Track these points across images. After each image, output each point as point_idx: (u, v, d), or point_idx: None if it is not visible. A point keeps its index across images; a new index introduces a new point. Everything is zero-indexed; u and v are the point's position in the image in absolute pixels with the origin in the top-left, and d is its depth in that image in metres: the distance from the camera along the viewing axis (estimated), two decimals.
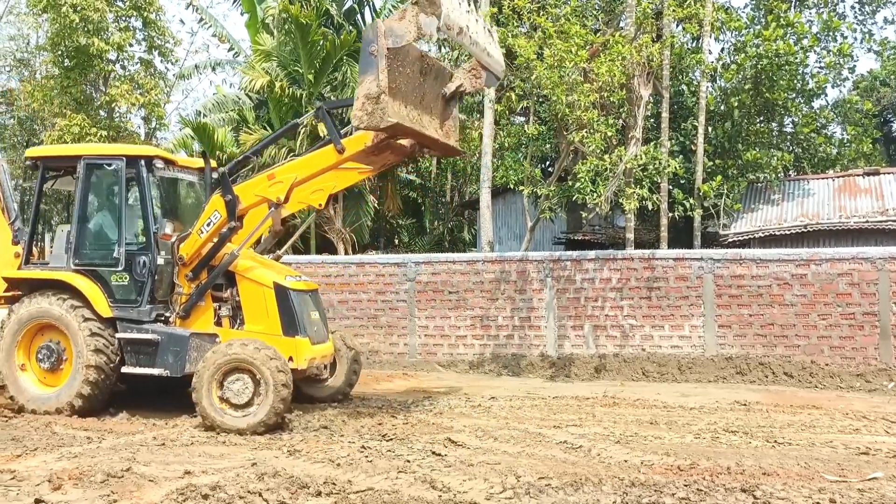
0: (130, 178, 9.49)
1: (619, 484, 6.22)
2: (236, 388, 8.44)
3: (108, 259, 9.49)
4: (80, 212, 9.63)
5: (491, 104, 17.01)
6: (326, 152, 8.84)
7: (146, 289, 9.31)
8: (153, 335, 9.20)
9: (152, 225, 9.34)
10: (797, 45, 18.47)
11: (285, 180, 8.92)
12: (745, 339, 13.02)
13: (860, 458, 7.22)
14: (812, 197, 19.40)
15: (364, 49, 7.87)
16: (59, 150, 10.48)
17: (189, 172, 10.25)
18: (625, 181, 13.98)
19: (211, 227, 9.15)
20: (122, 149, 10.05)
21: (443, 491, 6.08)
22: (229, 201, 9.00)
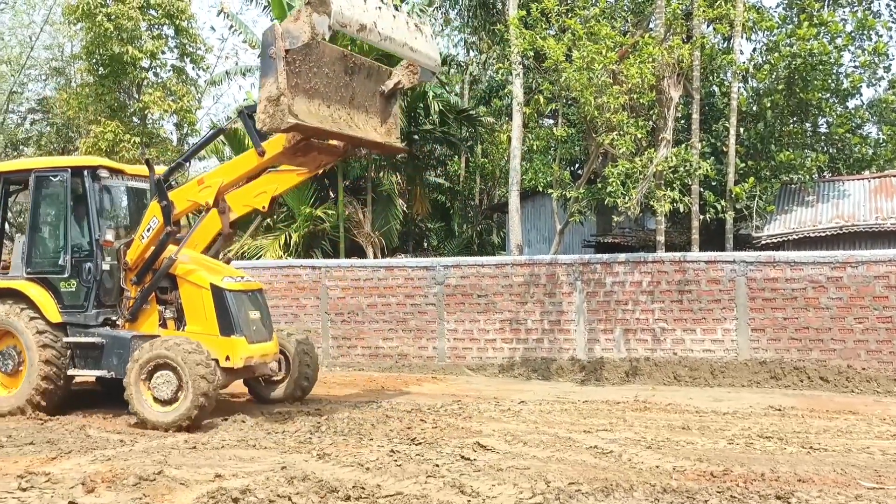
0: (76, 188, 9.90)
1: (650, 490, 6.15)
2: (161, 384, 8.83)
3: (56, 267, 9.93)
4: (31, 222, 10.19)
5: (519, 107, 16.97)
6: (248, 156, 9.23)
7: (92, 294, 9.73)
8: (98, 338, 9.62)
9: (95, 232, 9.71)
10: (831, 44, 18.15)
11: (213, 185, 9.36)
12: (779, 343, 12.81)
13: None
14: (847, 198, 19.05)
15: (263, 51, 8.08)
16: (16, 165, 10.96)
17: (139, 180, 10.55)
18: (655, 184, 13.84)
19: (150, 232, 9.57)
20: (68, 161, 10.59)
21: (472, 496, 6.05)
22: (164, 206, 9.42)
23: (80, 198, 9.90)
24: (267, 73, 7.99)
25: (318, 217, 20.80)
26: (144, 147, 22.91)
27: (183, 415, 8.69)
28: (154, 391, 8.89)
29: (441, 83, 25.31)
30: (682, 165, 13.97)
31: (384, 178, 22.80)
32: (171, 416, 8.73)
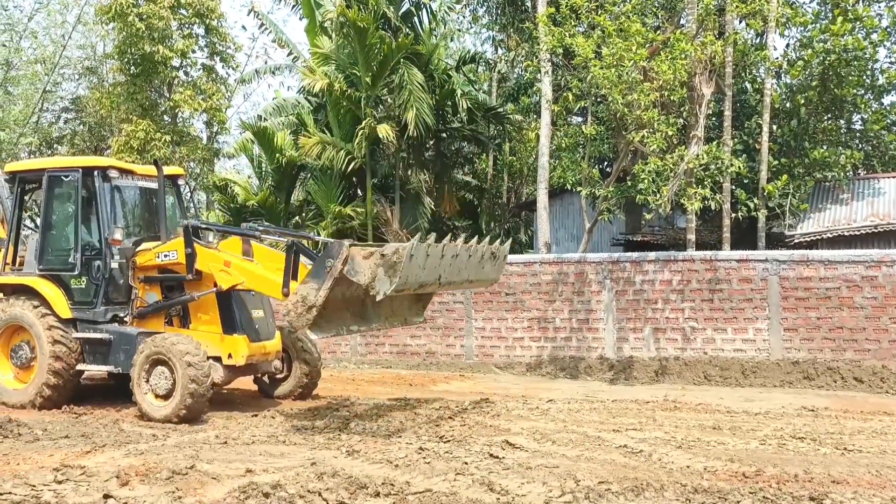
0: (87, 187, 10.12)
1: (681, 490, 6.09)
2: (158, 380, 9.14)
3: (67, 264, 10.18)
4: (44, 221, 10.48)
5: (548, 105, 16.89)
6: (274, 286, 9.10)
7: (101, 291, 9.98)
8: (106, 335, 9.90)
9: (105, 231, 9.93)
10: (866, 39, 17.82)
11: (233, 277, 9.49)
12: (812, 343, 12.63)
13: None
14: (883, 196, 18.71)
15: (324, 257, 8.14)
16: (30, 165, 11.26)
17: (149, 180, 10.71)
18: (686, 181, 13.71)
19: (167, 260, 9.88)
20: (79, 161, 10.80)
21: (501, 494, 6.04)
22: (188, 255, 9.64)
23: (90, 197, 10.15)
24: (315, 277, 8.02)
25: (347, 215, 20.90)
26: (175, 146, 23.17)
27: (174, 410, 8.98)
28: (153, 386, 9.21)
29: (469, 81, 25.29)
30: (713, 163, 13.83)
31: (412, 176, 22.84)
32: (164, 410, 9.06)
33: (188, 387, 8.93)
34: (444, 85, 22.34)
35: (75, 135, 29.71)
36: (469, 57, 24.69)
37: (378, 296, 7.70)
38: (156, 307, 10.06)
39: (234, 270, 9.51)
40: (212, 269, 9.63)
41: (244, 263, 9.59)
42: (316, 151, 20.62)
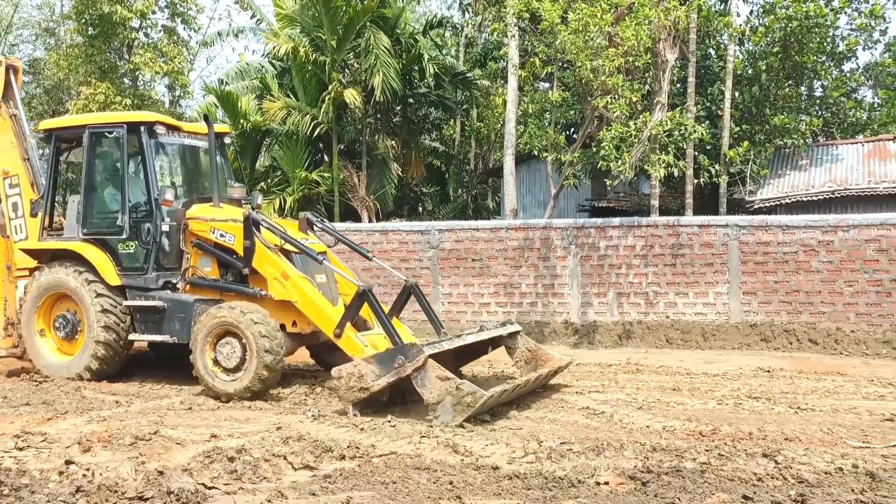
0: (132, 144, 9.50)
1: (640, 449, 6.25)
2: (226, 352, 8.46)
3: (114, 227, 9.54)
4: (86, 181, 9.73)
5: (514, 70, 16.84)
6: (327, 321, 8.48)
7: (152, 256, 9.33)
8: (159, 302, 9.24)
9: (154, 191, 9.29)
10: (827, 6, 18.02)
11: (286, 292, 8.74)
12: (770, 307, 12.92)
13: (885, 425, 7.18)
14: (841, 162, 19.07)
15: (396, 352, 7.58)
16: (69, 121, 10.48)
17: (196, 138, 10.14)
18: (650, 147, 13.82)
19: (222, 240, 9.21)
20: (123, 116, 10.17)
21: (465, 455, 6.14)
22: (247, 248, 9.00)
23: (136, 155, 9.49)
24: (381, 363, 7.52)
25: (313, 181, 20.75)
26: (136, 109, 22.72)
27: (246, 386, 8.29)
28: (219, 359, 8.50)
29: (436, 45, 25.08)
30: (676, 129, 13.94)
31: (379, 141, 22.70)
32: (235, 385, 8.34)
33: (262, 361, 8.21)
34: (411, 49, 22.15)
35: (32, 98, 28.96)
36: (436, 21, 24.47)
37: (434, 422, 7.16)
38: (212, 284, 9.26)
39: (291, 287, 8.74)
40: (266, 274, 8.92)
41: (304, 284, 8.73)
42: (281, 116, 20.38)
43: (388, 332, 8.17)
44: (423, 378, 7.35)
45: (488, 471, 5.63)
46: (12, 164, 10.46)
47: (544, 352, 9.37)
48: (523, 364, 9.19)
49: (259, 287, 8.97)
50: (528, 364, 9.17)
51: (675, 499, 4.89)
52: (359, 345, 8.28)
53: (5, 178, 10.44)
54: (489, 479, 5.45)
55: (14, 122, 10.56)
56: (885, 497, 4.86)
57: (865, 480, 5.25)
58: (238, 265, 9.12)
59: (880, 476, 5.30)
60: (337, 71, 20.18)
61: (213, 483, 5.27)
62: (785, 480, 5.29)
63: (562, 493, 5.13)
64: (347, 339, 8.35)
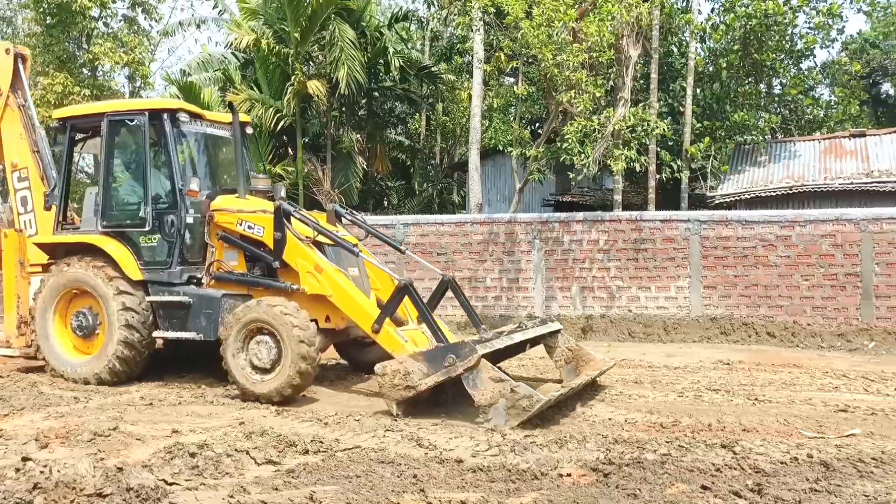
0: (154, 133, 9.03)
1: (602, 441, 6.32)
2: (259, 351, 7.96)
3: (136, 220, 9.04)
4: (105, 172, 9.20)
5: (480, 64, 16.88)
6: (365, 317, 8.10)
7: (176, 249, 8.85)
8: (185, 297, 8.74)
9: (178, 182, 8.81)
10: (786, 5, 18.32)
11: (320, 287, 8.30)
12: (729, 300, 13.15)
13: (839, 415, 7.35)
14: (798, 159, 19.45)
15: (446, 350, 7.23)
16: (86, 109, 9.96)
17: (218, 127, 9.72)
18: (613, 143, 13.96)
19: (250, 232, 8.71)
20: (145, 103, 9.65)
21: (429, 448, 6.16)
22: (277, 240, 8.53)
23: (159, 144, 9.03)
24: (429, 361, 7.18)
25: (277, 174, 20.59)
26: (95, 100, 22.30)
27: (282, 385, 7.82)
28: (252, 357, 8.01)
29: (402, 39, 25.01)
30: (639, 125, 14.10)
31: (344, 135, 22.59)
32: (270, 385, 7.87)
33: (298, 360, 7.75)
34: (376, 43, 22.08)
35: None
36: (401, 14, 24.42)
37: (485, 424, 6.85)
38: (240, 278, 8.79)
39: (325, 280, 8.30)
40: (298, 267, 8.45)
41: (339, 277, 8.32)
42: (244, 108, 20.16)
43: (432, 328, 7.87)
44: (475, 378, 6.99)
45: (452, 464, 5.65)
46: (21, 156, 10.01)
47: (586, 352, 8.95)
48: (563, 364, 8.84)
49: (290, 281, 8.52)
50: (569, 364, 8.80)
51: (636, 490, 4.96)
52: (399, 341, 7.92)
53: (14, 171, 9.97)
54: (453, 472, 5.47)
55: (23, 113, 10.10)
56: (839, 486, 4.98)
57: (819, 470, 5.38)
58: (268, 258, 8.68)
59: (834, 465, 5.43)
60: (301, 63, 20.03)
61: (173, 479, 5.21)
62: (742, 470, 5.39)
63: (525, 485, 5.17)
64: (387, 334, 7.98)
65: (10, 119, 10.12)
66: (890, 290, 12.39)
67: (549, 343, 8.94)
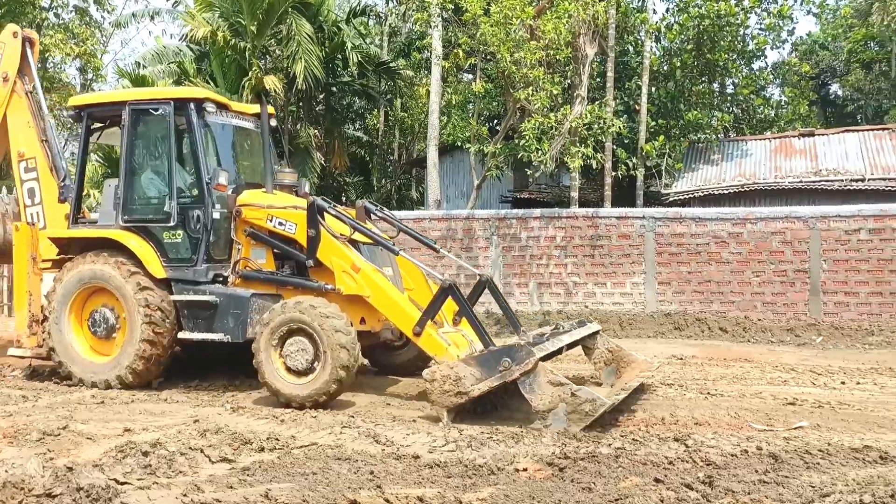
0: (180, 123, 8.55)
1: (558, 436, 6.39)
2: (295, 352, 7.57)
3: (159, 214, 8.57)
4: (127, 163, 8.71)
5: (438, 61, 16.88)
6: (406, 319, 7.73)
7: (202, 246, 8.38)
8: (211, 297, 8.28)
9: (205, 175, 8.36)
10: (738, 6, 18.68)
11: (357, 287, 7.93)
12: (683, 296, 13.37)
13: (787, 409, 7.54)
14: (750, 157, 19.85)
15: (501, 353, 6.93)
16: (105, 97, 9.52)
17: (242, 118, 9.29)
18: (570, 140, 14.09)
19: (281, 229, 8.34)
20: (169, 92, 9.35)
21: (386, 445, 6.15)
22: (311, 238, 8.16)
23: (185, 135, 8.57)
24: (483, 365, 6.86)
25: None
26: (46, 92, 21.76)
27: (320, 389, 7.45)
28: (287, 360, 7.62)
29: (360, 34, 24.87)
30: (595, 122, 14.25)
31: (301, 130, 22.39)
32: (307, 389, 7.48)
33: (338, 361, 7.38)
34: (334, 37, 21.89)
35: None
36: (359, 9, 24.25)
37: (544, 431, 6.56)
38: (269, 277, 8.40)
39: (362, 280, 7.91)
40: (333, 266, 8.06)
41: (377, 277, 7.95)
42: None
43: (478, 330, 7.53)
44: (533, 383, 6.71)
45: (409, 460, 5.66)
46: (29, 145, 9.47)
47: (626, 353, 8.62)
48: (603, 366, 8.54)
49: (324, 280, 8.15)
50: (609, 366, 8.52)
51: (590, 483, 5.02)
52: (442, 344, 7.56)
53: (20, 160, 9.43)
54: (410, 468, 5.48)
55: (30, 100, 9.58)
56: (786, 477, 5.10)
57: (768, 461, 5.50)
58: (300, 257, 8.29)
59: (782, 457, 5.56)
60: (257, 57, 19.78)
61: (125, 478, 5.13)
62: (694, 463, 5.50)
63: (481, 480, 5.20)
64: (429, 337, 7.60)
65: (17, 106, 9.57)
66: (836, 287, 12.74)
67: (587, 344, 8.57)
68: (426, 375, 6.96)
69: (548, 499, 4.73)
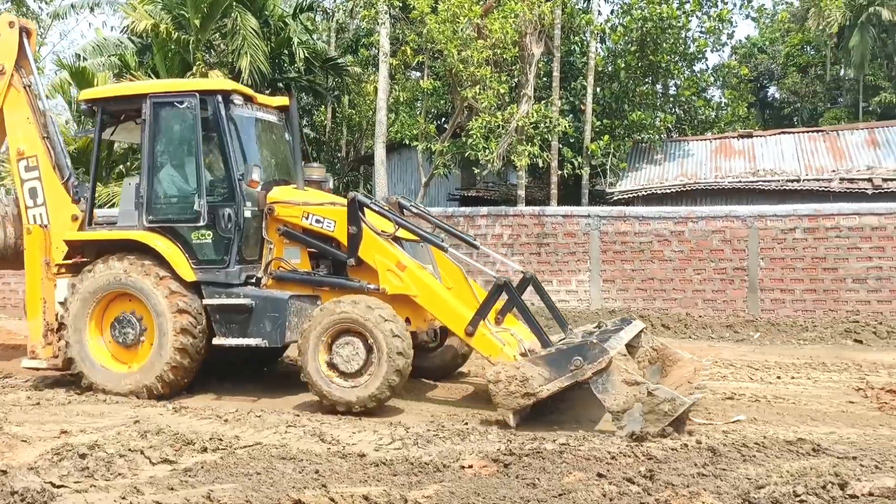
0: (206, 117, 8.06)
1: (503, 433, 6.44)
2: (345, 354, 7.23)
3: (187, 214, 8.06)
4: (150, 160, 8.19)
5: (385, 58, 16.83)
6: (457, 318, 7.48)
7: (234, 247, 7.94)
8: (246, 300, 7.84)
9: (235, 171, 7.94)
10: (680, 9, 19.07)
11: (403, 286, 7.62)
12: (627, 294, 13.60)
13: (726, 403, 7.74)
14: (691, 157, 20.30)
15: (571, 351, 6.71)
16: (122, 90, 9.01)
17: (266, 111, 8.86)
18: (516, 138, 14.20)
19: (318, 227, 7.97)
20: (195, 83, 8.93)
21: (332, 443, 6.12)
22: (352, 235, 7.79)
23: (213, 129, 8.07)
24: (552, 365, 6.63)
25: None
26: None
27: (372, 394, 7.09)
28: (335, 362, 7.29)
29: (307, 29, 24.64)
30: (542, 121, 14.39)
31: None
32: (358, 393, 7.14)
33: (394, 364, 7.06)
34: (280, 33, 21.65)
35: None
36: (306, 5, 24.02)
37: (620, 431, 6.35)
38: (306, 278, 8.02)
39: (409, 279, 7.61)
40: (377, 264, 7.71)
41: (424, 275, 7.67)
42: None
43: (536, 329, 7.36)
44: (606, 382, 6.46)
45: (355, 458, 5.64)
46: (29, 142, 8.81)
47: (672, 351, 8.30)
48: (647, 364, 8.20)
49: (366, 280, 7.83)
50: (653, 364, 8.19)
51: (535, 479, 5.07)
52: (497, 344, 7.30)
53: (20, 159, 8.78)
54: (355, 466, 5.46)
55: (29, 94, 8.90)
56: (724, 470, 5.23)
57: (707, 455, 5.63)
58: (340, 255, 7.94)
59: (720, 451, 5.69)
60: (201, 51, 19.44)
61: (62, 481, 4.99)
62: (636, 457, 5.60)
63: (427, 477, 5.21)
64: (483, 337, 7.34)
65: (14, 101, 8.95)
66: (773, 284, 13.10)
67: (631, 342, 8.19)
68: (490, 377, 6.69)
69: (492, 495, 4.77)
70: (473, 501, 4.67)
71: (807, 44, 34.08)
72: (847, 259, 12.82)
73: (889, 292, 12.67)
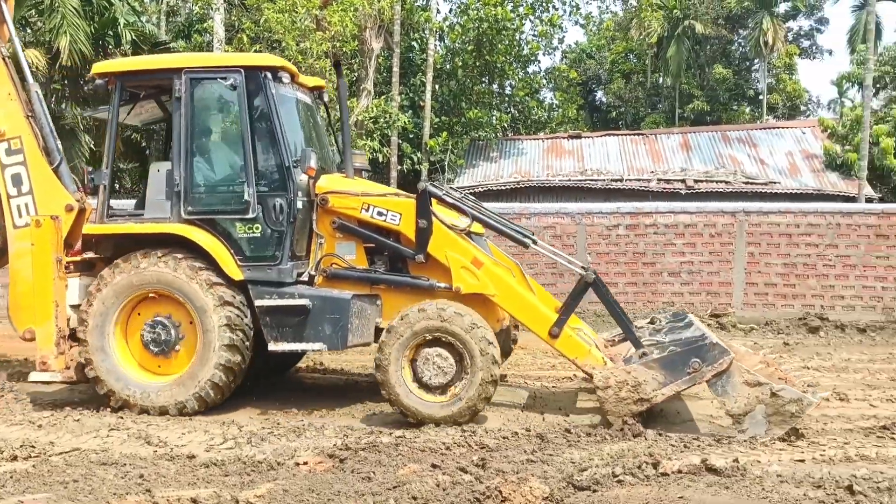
0: (252, 96, 7.13)
1: (340, 428, 6.43)
2: (434, 366, 6.64)
3: (234, 204, 7.13)
4: (186, 144, 7.15)
5: (220, 45, 16.25)
6: (541, 320, 6.93)
7: (286, 241, 7.07)
8: (304, 300, 7.01)
9: (287, 157, 7.05)
10: (514, 12, 19.76)
11: (479, 285, 6.97)
12: None
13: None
14: (525, 156, 21.12)
15: (688, 353, 6.35)
16: (145, 63, 7.88)
17: (305, 91, 7.98)
18: (356, 133, 14.17)
19: (380, 220, 7.18)
20: (237, 58, 7.89)
21: (159, 446, 5.87)
22: (421, 230, 7.07)
23: (260, 110, 7.14)
24: (667, 367, 6.27)
25: None
26: None
27: (466, 408, 6.52)
28: (420, 374, 6.64)
29: (134, 11, 23.29)
30: (381, 116, 14.45)
31: (67, 110, 20.57)
32: (450, 408, 6.55)
33: (487, 384, 6.50)
34: (105, 13, 20.33)
35: None
36: None
37: (741, 435, 6.04)
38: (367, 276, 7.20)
39: (485, 277, 6.95)
40: (450, 261, 7.00)
41: (502, 273, 7.07)
42: None
43: (626, 328, 6.99)
44: (727, 384, 6.15)
45: (183, 460, 5.44)
46: (11, 122, 7.62)
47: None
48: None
49: (434, 278, 7.12)
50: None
51: (370, 473, 5.10)
52: (584, 346, 6.90)
53: (1, 141, 7.59)
54: (184, 468, 5.26)
55: (9, 67, 7.67)
56: (551, 455, 5.51)
57: (536, 442, 5.91)
58: (406, 251, 7.18)
59: (548, 437, 5.99)
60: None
61: None
62: (470, 447, 5.77)
63: (260, 476, 5.11)
64: (568, 339, 6.90)
65: None
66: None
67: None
68: (599, 382, 6.34)
69: (327, 490, 4.75)
70: (307, 498, 4.63)
71: (630, 52, 36.30)
72: (664, 254, 13.80)
73: (699, 285, 13.77)
